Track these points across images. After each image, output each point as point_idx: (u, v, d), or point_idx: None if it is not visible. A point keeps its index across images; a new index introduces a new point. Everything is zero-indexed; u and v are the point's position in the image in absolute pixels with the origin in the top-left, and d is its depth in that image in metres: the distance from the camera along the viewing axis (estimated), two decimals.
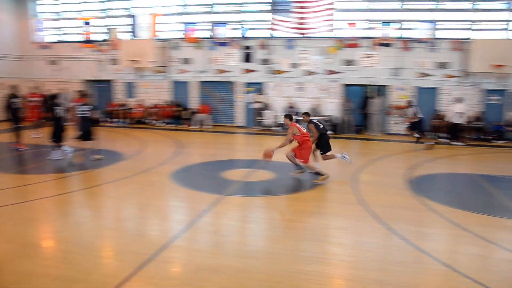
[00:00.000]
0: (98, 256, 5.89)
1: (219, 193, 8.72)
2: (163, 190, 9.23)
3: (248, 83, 19.44)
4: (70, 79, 22.43)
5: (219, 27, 19.23)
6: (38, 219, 7.44)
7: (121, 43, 20.50)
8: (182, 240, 6.35)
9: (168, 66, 20.57)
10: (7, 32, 22.53)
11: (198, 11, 20.16)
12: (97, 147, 12.29)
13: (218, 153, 13.46)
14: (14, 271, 5.32)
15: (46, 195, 8.85)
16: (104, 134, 14.37)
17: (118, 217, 7.71)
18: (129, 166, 11.39)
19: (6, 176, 10.41)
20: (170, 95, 20.79)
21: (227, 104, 20.09)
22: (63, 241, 6.36)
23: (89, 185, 9.81)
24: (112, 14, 21.87)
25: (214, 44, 19.46)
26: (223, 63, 19.57)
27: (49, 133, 11.96)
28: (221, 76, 19.73)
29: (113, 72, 21.72)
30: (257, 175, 10.57)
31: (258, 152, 13.65)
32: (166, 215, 7.81)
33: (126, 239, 6.43)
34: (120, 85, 21.70)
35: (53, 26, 23.11)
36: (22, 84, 22.08)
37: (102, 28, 21.93)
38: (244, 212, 7.86)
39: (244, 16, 19.30)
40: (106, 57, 21.66)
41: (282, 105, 18.43)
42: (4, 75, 22.00)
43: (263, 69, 19.00)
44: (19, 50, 23.18)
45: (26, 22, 23.16)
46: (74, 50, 22.28)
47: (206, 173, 10.85)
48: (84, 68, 22.26)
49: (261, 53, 18.87)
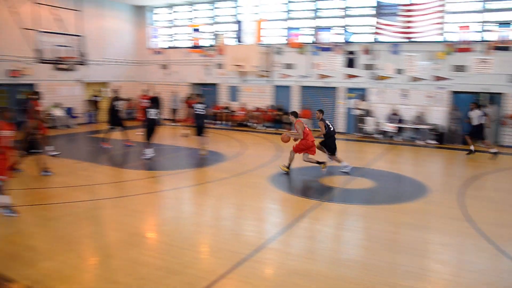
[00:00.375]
0: (197, 251, 6.21)
1: (317, 199, 8.71)
2: (261, 192, 9.44)
3: (350, 88, 19.12)
4: (179, 82, 23.90)
5: (322, 32, 19.18)
6: (144, 212, 8.06)
7: (227, 48, 21.32)
8: (277, 243, 6.46)
9: (271, 71, 20.97)
10: (127, 40, 24.69)
11: (301, 16, 20.29)
12: (205, 144, 13.03)
13: (317, 159, 13.38)
14: (121, 257, 5.82)
15: (152, 190, 9.57)
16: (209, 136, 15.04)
17: (217, 215, 8.05)
18: (230, 167, 11.83)
19: (117, 171, 11.36)
20: (272, 99, 21.17)
21: (328, 109, 19.93)
22: (166, 234, 6.82)
23: (192, 183, 10.35)
24: (219, 20, 22.86)
25: (317, 49, 19.44)
26: (325, 68, 19.47)
27: (144, 133, 12.96)
28: (323, 81, 19.64)
29: (218, 76, 22.68)
30: (357, 182, 10.36)
31: (358, 159, 13.44)
32: (263, 217, 7.98)
33: (223, 237, 6.70)
34: (224, 89, 22.58)
35: (165, 33, 24.79)
36: (136, 87, 24.11)
37: (210, 34, 23.01)
38: (341, 219, 7.77)
39: (348, 20, 19.04)
40: (212, 62, 22.68)
41: (385, 112, 17.85)
42: (123, 79, 24.19)
43: (366, 75, 18.57)
44: (136, 56, 25.26)
45: (143, 30, 25.17)
46: (183, 55, 23.69)
47: (304, 178, 10.89)
48: (191, 72, 23.55)
49: (364, 58, 18.46)
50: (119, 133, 14.73)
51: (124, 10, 24.28)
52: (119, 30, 24.08)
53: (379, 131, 17.78)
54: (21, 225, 7.00)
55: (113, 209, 8.13)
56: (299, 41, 19.82)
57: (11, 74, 18.61)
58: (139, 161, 12.56)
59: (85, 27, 18.62)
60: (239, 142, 16.25)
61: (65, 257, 5.81)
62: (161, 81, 24.60)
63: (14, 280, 5.17)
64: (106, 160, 12.86)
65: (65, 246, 6.21)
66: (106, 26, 23.12)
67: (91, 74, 22.18)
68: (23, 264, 5.59)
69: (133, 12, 24.86)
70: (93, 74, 22.25)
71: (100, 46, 22.48)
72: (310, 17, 19.97)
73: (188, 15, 23.86)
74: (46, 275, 5.28)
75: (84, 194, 9.05)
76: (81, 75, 21.64)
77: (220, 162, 12.49)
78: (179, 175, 11.09)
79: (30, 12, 16.68)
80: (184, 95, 22.87)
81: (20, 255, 5.90)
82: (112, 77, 23.62)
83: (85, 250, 6.21)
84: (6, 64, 18.42)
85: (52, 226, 7.01)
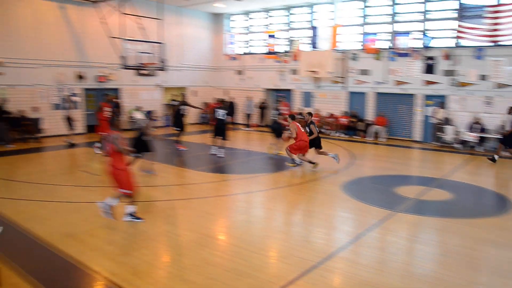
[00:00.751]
0: (266, 256, 6.30)
1: (390, 209, 8.49)
2: (333, 200, 9.37)
3: (428, 95, 18.37)
4: (253, 88, 24.31)
5: (400, 37, 18.62)
6: (216, 214, 8.32)
7: (301, 54, 21.36)
8: (347, 252, 6.39)
9: (345, 77, 20.71)
10: (204, 46, 25.56)
11: (378, 21, 19.86)
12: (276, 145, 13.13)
13: (392, 167, 13.06)
14: (193, 257, 6.07)
15: (224, 193, 9.84)
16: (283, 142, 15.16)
17: (287, 221, 8.12)
18: (302, 173, 11.84)
19: (191, 172, 11.77)
20: (346, 106, 20.89)
21: (405, 117, 19.31)
22: (236, 237, 7.00)
23: (264, 187, 10.49)
24: (294, 26, 22.98)
25: (394, 55, 18.92)
26: (402, 74, 18.87)
27: (213, 133, 14.01)
28: (400, 87, 19.05)
29: (292, 82, 22.78)
30: (433, 194, 9.95)
31: (435, 169, 12.94)
32: (334, 225, 7.92)
33: (293, 243, 6.74)
34: (298, 95, 22.62)
35: (241, 40, 25.34)
36: (212, 92, 24.88)
37: (285, 40, 23.19)
38: (416, 232, 7.51)
39: (427, 24, 18.33)
40: (287, 68, 22.83)
41: (466, 121, 16.94)
42: (199, 84, 25.12)
43: (446, 81, 17.74)
44: (212, 62, 26.09)
45: (220, 36, 25.93)
46: (258, 61, 24.06)
47: (377, 186, 10.65)
48: (266, 77, 23.86)
49: (445, 63, 17.66)
50: (195, 137, 15.29)
51: (202, 17, 25.16)
52: (197, 37, 25.00)
53: (458, 141, 16.88)
54: (103, 221, 7.47)
55: (187, 209, 8.47)
56: (375, 47, 19.41)
57: (99, 79, 20.02)
58: (212, 164, 12.95)
59: (165, 34, 19.56)
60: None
61: (141, 253, 6.16)
62: (236, 86, 25.19)
63: (96, 271, 5.59)
64: (181, 162, 13.38)
65: (141, 242, 6.59)
66: (185, 33, 24.10)
67: (170, 79, 23.26)
68: (104, 257, 6.02)
69: (210, 19, 25.69)
70: (171, 79, 23.32)
71: (178, 52, 23.53)
72: (387, 21, 19.49)
73: (263, 22, 24.23)
74: (123, 269, 5.64)
75: (160, 194, 9.53)
76: (160, 80, 22.74)
77: (293, 168, 12.54)
78: (251, 179, 11.29)
79: (117, 22, 17.82)
80: (258, 100, 23.27)
81: (102, 248, 6.35)
82: (189, 82, 24.60)
83: (160, 247, 6.54)
84: (95, 70, 19.88)
85: (130, 223, 7.43)
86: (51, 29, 18.41)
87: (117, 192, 7.25)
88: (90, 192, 9.68)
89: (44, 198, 9.07)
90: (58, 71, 18.65)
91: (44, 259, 6.07)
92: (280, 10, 23.28)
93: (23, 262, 5.89)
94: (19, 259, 5.96)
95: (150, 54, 17.87)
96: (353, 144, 17.78)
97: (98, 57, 19.92)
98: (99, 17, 18.22)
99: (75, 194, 9.42)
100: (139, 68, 18.36)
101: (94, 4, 18.53)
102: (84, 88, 19.76)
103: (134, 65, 17.54)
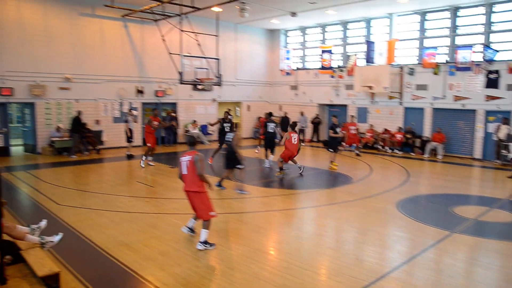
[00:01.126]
0: (317, 273, 6.22)
1: (447, 229, 8.16)
2: (386, 218, 9.14)
3: (490, 111, 17.55)
4: (307, 103, 24.29)
5: (460, 50, 17.97)
6: (269, 228, 8.34)
7: (357, 69, 21.13)
8: (401, 273, 6.20)
9: (402, 92, 20.24)
10: (259, 62, 25.92)
11: (436, 34, 19.33)
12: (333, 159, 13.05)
13: (449, 186, 12.56)
14: (244, 271, 6.10)
15: (277, 208, 9.84)
16: (337, 158, 15.02)
17: (339, 238, 7.99)
18: (356, 190, 11.67)
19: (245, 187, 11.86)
20: (402, 122, 20.38)
21: (464, 133, 18.54)
22: (287, 253, 6.96)
23: (317, 203, 10.41)
24: (350, 41, 22.81)
25: (453, 69, 18.30)
26: (462, 89, 18.19)
27: (263, 143, 15.00)
28: (459, 103, 18.35)
29: (347, 97, 22.55)
30: (494, 215, 9.48)
31: (497, 189, 12.34)
32: (387, 244, 7.70)
33: (344, 261, 6.61)
34: (353, 110, 22.33)
35: (296, 55, 25.43)
36: (266, 107, 25.11)
37: (340, 55, 23.05)
38: (475, 254, 7.14)
39: (490, 37, 17.60)
40: (342, 83, 22.64)
41: None
42: (254, 99, 25.46)
43: (510, 96, 16.90)
44: (267, 77, 26.38)
45: (275, 52, 26.20)
46: (313, 76, 24.05)
47: (434, 205, 10.27)
48: (320, 93, 23.77)
49: (509, 77, 16.83)
50: (247, 151, 15.46)
51: (258, 33, 25.55)
52: (253, 52, 25.39)
53: None
54: (156, 231, 7.76)
55: (239, 223, 8.55)
56: (433, 61, 18.85)
57: (157, 94, 20.78)
58: (265, 178, 13.01)
59: (221, 50, 20.04)
60: (366, 165, 15.91)
61: (192, 265, 6.28)
62: (290, 101, 25.27)
63: (148, 281, 5.75)
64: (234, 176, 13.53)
65: (193, 254, 6.72)
66: (241, 49, 24.55)
67: (225, 94, 23.72)
68: (156, 267, 6.19)
69: (266, 35, 26.05)
70: (226, 94, 23.78)
71: (234, 68, 24.00)
72: (446, 35, 18.92)
73: (319, 37, 24.24)
74: (175, 280, 5.77)
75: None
76: (216, 95, 23.23)
77: (346, 184, 12.39)
78: (304, 195, 11.25)
79: (176, 39, 18.48)
80: (313, 115, 23.21)
81: (155, 258, 6.53)
82: (244, 97, 24.98)
83: (211, 260, 6.62)
84: (154, 85, 20.69)
85: (182, 234, 7.60)
86: (115, 47, 19.41)
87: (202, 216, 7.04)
88: (145, 203, 10.02)
89: (103, 207, 9.47)
90: (119, 86, 19.56)
91: (100, 266, 6.33)
92: (336, 25, 23.21)
93: (81, 268, 6.17)
94: (78, 265, 6.25)
95: (206, 69, 18.38)
96: (408, 161, 17.28)
97: (156, 73, 20.74)
98: (159, 34, 18.98)
99: (130, 204, 9.77)
100: (196, 83, 18.89)
101: (155, 22, 19.32)
102: (142, 102, 20.56)
103: (191, 80, 18.09)
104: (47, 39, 17.33)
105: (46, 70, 17.34)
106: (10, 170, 13.81)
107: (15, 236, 5.77)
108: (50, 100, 17.56)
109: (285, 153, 13.03)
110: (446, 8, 18.60)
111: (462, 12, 18.40)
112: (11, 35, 16.45)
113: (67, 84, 17.93)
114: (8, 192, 10.75)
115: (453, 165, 16.59)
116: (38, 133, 17.51)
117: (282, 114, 23.20)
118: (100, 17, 18.74)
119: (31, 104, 17.30)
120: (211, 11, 18.70)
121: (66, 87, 17.92)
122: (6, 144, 17.01)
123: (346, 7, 19.27)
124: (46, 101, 17.46)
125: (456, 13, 18.50)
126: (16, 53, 16.58)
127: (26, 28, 16.77)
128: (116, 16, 19.04)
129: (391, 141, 19.84)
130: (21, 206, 9.81)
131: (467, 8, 18.20)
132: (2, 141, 16.84)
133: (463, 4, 18.02)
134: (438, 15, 19.19)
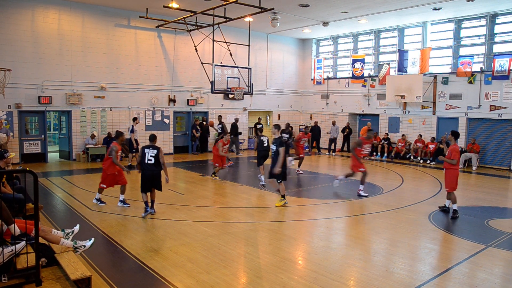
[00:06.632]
0: (345, 284, 6.13)
1: (482, 243, 7.92)
2: (418, 230, 8.95)
3: None
4: (338, 113, 24.14)
5: (498, 58, 17.50)
6: (298, 238, 8.30)
7: (389, 78, 20.87)
8: (432, 286, 6.05)
9: (435, 102, 19.86)
10: (290, 71, 25.97)
11: (472, 43, 18.92)
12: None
13: (484, 198, 12.20)
14: (272, 280, 6.09)
15: (306, 217, 9.80)
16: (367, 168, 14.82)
17: (369, 249, 7.86)
18: (386, 201, 11.49)
19: (274, 195, 11.82)
20: (435, 132, 19.98)
21: (501, 143, 18.00)
22: (315, 262, 6.91)
23: (346, 214, 10.29)
24: (382, 50, 22.58)
25: (489, 78, 17.84)
26: (498, 98, 17.70)
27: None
28: (496, 112, 17.86)
29: (378, 107, 22.29)
30: None
31: None
32: (419, 256, 7.52)
33: (374, 273, 6.50)
34: (384, 120, 22.06)
35: (328, 64, 25.34)
36: (297, 116, 25.11)
37: (372, 64, 22.83)
38: (510, 269, 6.90)
39: None
40: (373, 92, 22.41)
41: None
42: (285, 108, 25.50)
43: None
44: (297, 86, 26.39)
45: (306, 61, 26.22)
46: (344, 85, 23.90)
47: (468, 218, 9.99)
48: (351, 102, 23.61)
49: None
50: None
51: (290, 43, 25.62)
52: (284, 62, 25.47)
53: None
54: (186, 239, 7.85)
55: (268, 232, 8.54)
56: (468, 70, 18.43)
57: (190, 102, 21.11)
58: (295, 188, 12.97)
59: (253, 59, 20.22)
60: (398, 175, 15.65)
61: (220, 273, 6.31)
62: (321, 111, 25.17)
63: (176, 287, 5.82)
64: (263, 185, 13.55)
65: (221, 262, 6.75)
66: (272, 58, 24.68)
67: (255, 103, 23.84)
68: (185, 274, 6.26)
69: (297, 45, 26.10)
70: (257, 103, 23.90)
71: (265, 77, 24.12)
72: (482, 43, 18.49)
73: (350, 46, 24.10)
74: (202, 287, 5.81)
75: (242, 216, 9.73)
76: (247, 103, 23.38)
77: (376, 195, 12.21)
78: (334, 205, 11.14)
79: (208, 49, 18.75)
80: (344, 125, 23.04)
81: (183, 265, 6.60)
82: (275, 106, 25.04)
83: (239, 268, 6.64)
84: (186, 94, 21.04)
85: (211, 242, 7.67)
86: (148, 56, 19.85)
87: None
88: (175, 210, 10.14)
89: (133, 214, 9.65)
90: (152, 95, 19.96)
91: (130, 271, 6.45)
92: (368, 34, 23.04)
93: (111, 272, 6.30)
94: (108, 270, 6.40)
95: (238, 78, 18.56)
96: (441, 171, 16.84)
97: (188, 82, 21.09)
98: (191, 44, 19.30)
99: (160, 211, 9.91)
100: (227, 92, 19.08)
101: (188, 32, 19.67)
102: (174, 111, 20.90)
103: (222, 89, 18.29)
104: (84, 50, 17.92)
105: (82, 80, 17.92)
106: (47, 176, 14.29)
107: (50, 239, 5.95)
108: (85, 108, 18.11)
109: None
110: (483, 15, 18.21)
111: (500, 19, 17.97)
112: (51, 46, 17.11)
113: (101, 93, 18.45)
114: (44, 197, 11.12)
115: (488, 176, 16.12)
116: (73, 140, 18.06)
117: (313, 124, 23.14)
118: (135, 27, 19.24)
119: (68, 112, 17.90)
120: (243, 21, 18.88)
121: (101, 95, 18.44)
122: (44, 150, 17.63)
123: (378, 16, 19.13)
124: (82, 109, 18.02)
125: (493, 20, 18.07)
126: (55, 63, 17.22)
127: (65, 39, 17.40)
128: (150, 27, 19.51)
129: (423, 151, 19.46)
130: (55, 210, 10.11)
131: (505, 16, 17.77)
132: (40, 147, 17.46)
133: (500, 11, 17.62)
134: (474, 23, 18.80)
